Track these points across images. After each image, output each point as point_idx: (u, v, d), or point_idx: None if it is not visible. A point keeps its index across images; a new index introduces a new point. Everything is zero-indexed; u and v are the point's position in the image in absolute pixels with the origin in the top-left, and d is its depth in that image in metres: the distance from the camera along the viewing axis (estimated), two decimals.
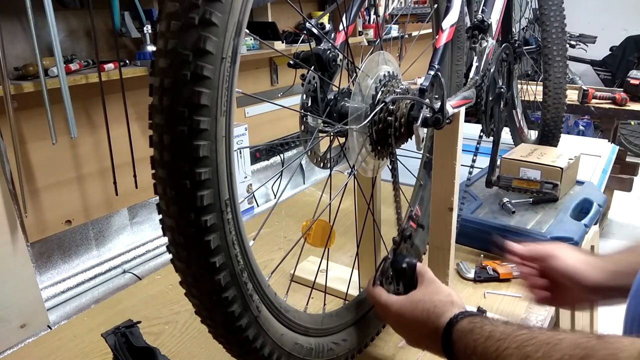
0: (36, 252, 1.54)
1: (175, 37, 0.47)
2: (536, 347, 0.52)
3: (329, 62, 0.79)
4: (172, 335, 1.02)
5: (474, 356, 0.59)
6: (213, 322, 0.59)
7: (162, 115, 0.49)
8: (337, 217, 0.91)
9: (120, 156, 1.64)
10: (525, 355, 0.52)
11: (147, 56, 1.63)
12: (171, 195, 0.51)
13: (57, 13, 1.35)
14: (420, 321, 0.69)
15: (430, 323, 0.67)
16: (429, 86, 0.78)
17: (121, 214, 1.79)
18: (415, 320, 0.70)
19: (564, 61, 1.59)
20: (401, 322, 0.73)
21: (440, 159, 0.93)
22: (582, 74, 4.45)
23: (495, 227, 1.27)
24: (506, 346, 0.55)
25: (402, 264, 0.76)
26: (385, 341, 0.98)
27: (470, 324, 0.63)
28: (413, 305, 0.71)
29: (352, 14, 0.91)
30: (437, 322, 0.67)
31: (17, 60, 1.40)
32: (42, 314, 1.44)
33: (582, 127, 3.62)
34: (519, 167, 1.47)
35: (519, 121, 1.71)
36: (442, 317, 0.67)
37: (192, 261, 0.53)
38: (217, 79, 0.49)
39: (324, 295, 0.98)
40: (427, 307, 0.69)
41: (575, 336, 0.50)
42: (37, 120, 1.46)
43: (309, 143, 0.78)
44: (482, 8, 1.12)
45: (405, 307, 0.71)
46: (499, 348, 0.56)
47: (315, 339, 0.75)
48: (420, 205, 1.12)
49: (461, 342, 0.62)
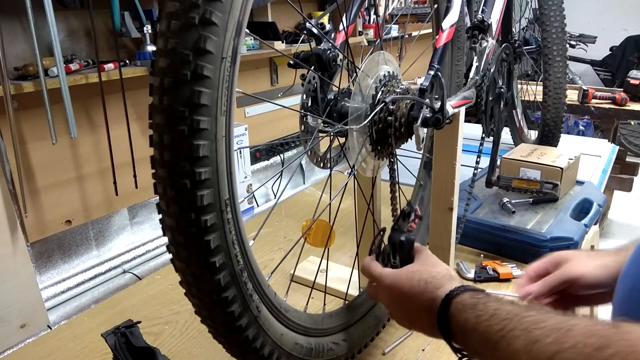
0: (36, 252, 1.54)
1: (175, 37, 0.47)
2: (546, 331, 0.47)
3: (329, 62, 0.79)
4: (172, 335, 1.02)
5: (474, 334, 0.54)
6: (213, 322, 0.59)
7: (162, 114, 0.49)
8: (337, 217, 0.91)
9: (120, 156, 1.64)
10: (534, 339, 0.47)
11: (147, 56, 1.63)
12: (171, 194, 0.51)
13: (57, 13, 1.35)
14: (416, 292, 0.64)
15: (428, 294, 0.62)
16: (429, 86, 0.78)
17: (121, 214, 1.79)
18: (410, 291, 0.65)
19: (564, 61, 1.59)
20: (395, 293, 0.67)
21: (440, 159, 0.93)
22: (582, 74, 4.45)
23: (495, 227, 1.27)
24: (512, 327, 0.50)
25: (400, 238, 0.73)
26: (385, 341, 0.98)
27: (472, 298, 0.57)
28: (410, 274, 0.66)
29: (352, 14, 0.91)
30: (434, 293, 0.62)
31: (17, 60, 1.40)
32: (42, 314, 1.44)
33: (582, 127, 3.63)
34: (519, 167, 1.47)
35: (519, 121, 1.71)
36: (441, 289, 0.62)
37: (192, 261, 0.53)
38: (217, 79, 0.49)
39: (324, 295, 0.98)
40: (424, 277, 0.64)
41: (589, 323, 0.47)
42: (37, 120, 1.46)
43: (309, 143, 0.78)
44: (482, 8, 1.12)
45: (400, 277, 0.67)
46: (505, 328, 0.51)
47: (315, 339, 0.75)
48: (420, 205, 1.12)
49: (460, 316, 0.57)
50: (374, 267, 0.72)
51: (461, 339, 0.58)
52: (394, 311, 0.70)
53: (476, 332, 0.54)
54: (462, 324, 0.56)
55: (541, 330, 0.48)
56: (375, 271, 0.71)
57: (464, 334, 0.56)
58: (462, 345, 0.58)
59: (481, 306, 0.55)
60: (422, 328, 0.65)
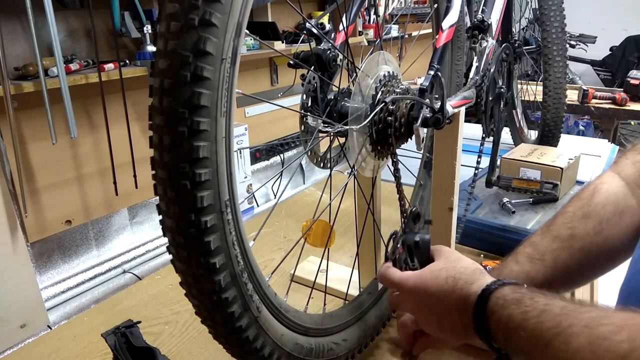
0: (36, 252, 1.54)
1: (175, 38, 0.47)
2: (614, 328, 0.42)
3: (329, 62, 0.79)
4: (172, 336, 1.02)
5: (520, 331, 0.48)
6: (213, 322, 0.59)
7: (162, 116, 0.49)
8: (337, 217, 0.91)
9: (120, 156, 1.64)
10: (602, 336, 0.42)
11: (147, 56, 1.63)
12: (171, 196, 0.51)
13: (57, 13, 1.35)
14: (444, 291, 0.58)
15: (458, 291, 0.56)
16: (429, 86, 0.78)
17: (121, 214, 1.79)
18: (438, 290, 0.58)
19: (564, 61, 1.59)
20: (421, 296, 0.61)
21: (440, 159, 0.93)
22: (582, 74, 4.45)
23: (495, 227, 1.27)
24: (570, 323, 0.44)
25: (415, 239, 0.68)
26: (386, 341, 0.98)
27: (515, 292, 0.52)
28: (434, 273, 0.60)
29: (352, 14, 0.91)
30: (466, 289, 0.55)
31: (17, 60, 1.41)
32: (42, 313, 1.44)
33: (582, 127, 3.63)
34: (519, 167, 1.47)
35: (519, 121, 1.71)
36: (474, 284, 0.56)
37: (192, 262, 0.54)
38: (217, 80, 0.49)
39: (324, 295, 0.98)
40: (451, 274, 0.58)
41: None
42: (37, 120, 1.46)
43: (309, 143, 0.78)
44: (482, 8, 1.12)
45: (424, 277, 0.61)
46: (560, 325, 0.45)
47: (316, 339, 0.75)
48: (420, 205, 1.12)
49: (502, 312, 0.51)
50: (392, 273, 0.66)
51: (503, 338, 0.52)
52: (420, 316, 0.65)
53: (523, 329, 0.48)
54: (504, 321, 0.51)
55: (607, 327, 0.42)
56: (395, 276, 0.65)
57: (506, 332, 0.51)
58: (502, 345, 0.53)
59: (527, 301, 0.50)
60: (453, 331, 0.59)
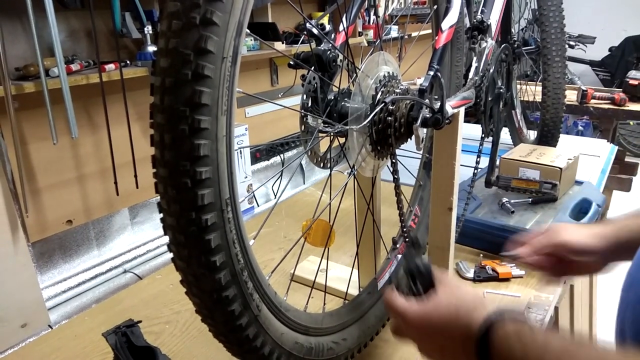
0: (37, 251, 1.55)
1: (176, 37, 0.48)
2: None
3: (329, 63, 0.79)
4: (172, 335, 1.03)
5: None
6: (213, 320, 0.59)
7: (163, 114, 0.49)
8: (337, 217, 0.92)
9: (121, 156, 1.64)
10: None
11: (147, 57, 1.64)
12: (172, 194, 0.51)
13: (57, 13, 1.35)
14: (446, 320, 0.60)
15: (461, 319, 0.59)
16: (429, 87, 0.78)
17: (122, 213, 1.79)
18: (440, 321, 0.61)
19: (563, 62, 1.59)
20: (424, 327, 0.63)
21: (440, 159, 0.93)
22: (581, 74, 4.46)
23: (494, 226, 1.27)
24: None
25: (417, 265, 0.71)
26: (385, 340, 0.98)
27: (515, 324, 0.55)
28: (436, 303, 0.62)
29: (352, 15, 0.91)
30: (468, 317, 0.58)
31: (18, 60, 1.41)
32: (43, 313, 1.44)
33: (581, 127, 3.63)
34: (518, 167, 1.48)
35: (518, 121, 1.72)
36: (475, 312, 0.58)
37: (192, 260, 0.54)
38: (217, 79, 0.49)
39: (324, 295, 0.98)
40: (452, 302, 0.61)
41: None
42: (38, 121, 1.46)
43: (309, 143, 0.79)
44: (482, 9, 1.13)
45: (427, 308, 0.63)
46: None
47: (315, 338, 0.76)
48: (420, 205, 1.12)
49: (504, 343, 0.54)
50: (397, 302, 0.68)
51: None
52: (422, 347, 0.66)
53: None
54: (505, 353, 0.53)
55: None
56: (400, 307, 0.66)
57: None
58: None
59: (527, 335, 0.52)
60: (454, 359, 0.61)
